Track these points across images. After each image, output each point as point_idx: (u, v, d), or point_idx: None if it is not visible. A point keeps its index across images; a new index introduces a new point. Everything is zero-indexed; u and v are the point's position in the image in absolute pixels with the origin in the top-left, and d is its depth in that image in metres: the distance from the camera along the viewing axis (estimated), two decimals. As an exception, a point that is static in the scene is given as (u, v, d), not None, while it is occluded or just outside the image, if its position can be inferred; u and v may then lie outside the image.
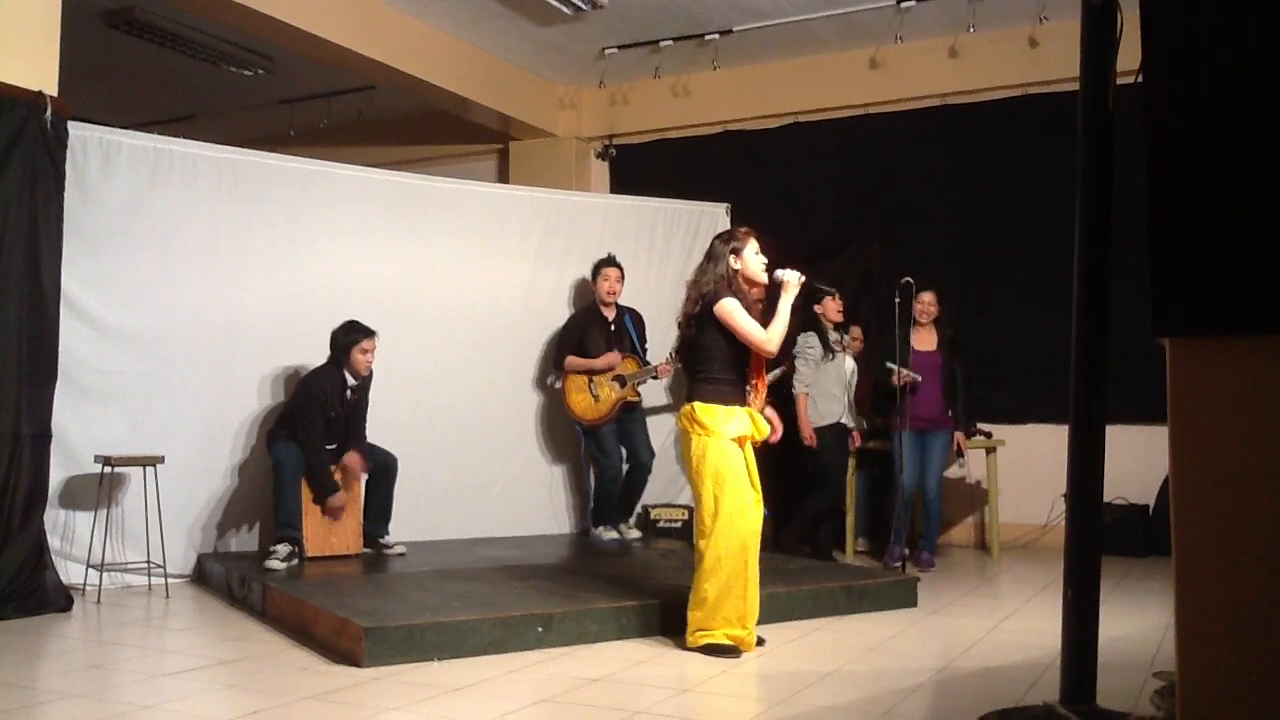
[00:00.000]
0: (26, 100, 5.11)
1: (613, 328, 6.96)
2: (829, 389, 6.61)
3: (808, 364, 6.60)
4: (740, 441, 4.28)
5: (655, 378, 7.08)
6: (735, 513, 4.17)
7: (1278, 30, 2.02)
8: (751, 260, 4.49)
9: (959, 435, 6.72)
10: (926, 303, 6.63)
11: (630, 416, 6.93)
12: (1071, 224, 3.02)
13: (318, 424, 5.87)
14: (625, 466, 6.93)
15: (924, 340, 6.66)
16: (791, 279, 4.45)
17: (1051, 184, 6.84)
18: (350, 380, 5.98)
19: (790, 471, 7.07)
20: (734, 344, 4.31)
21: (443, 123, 9.09)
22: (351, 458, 5.96)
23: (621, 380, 6.86)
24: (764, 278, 4.48)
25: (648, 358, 7.02)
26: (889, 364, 6.58)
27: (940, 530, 7.24)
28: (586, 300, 7.17)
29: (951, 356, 6.66)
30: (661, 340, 7.28)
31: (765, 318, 4.43)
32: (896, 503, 6.59)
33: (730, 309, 4.31)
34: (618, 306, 7.03)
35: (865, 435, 7.02)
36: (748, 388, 4.34)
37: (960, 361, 6.71)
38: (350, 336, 5.92)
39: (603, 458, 6.88)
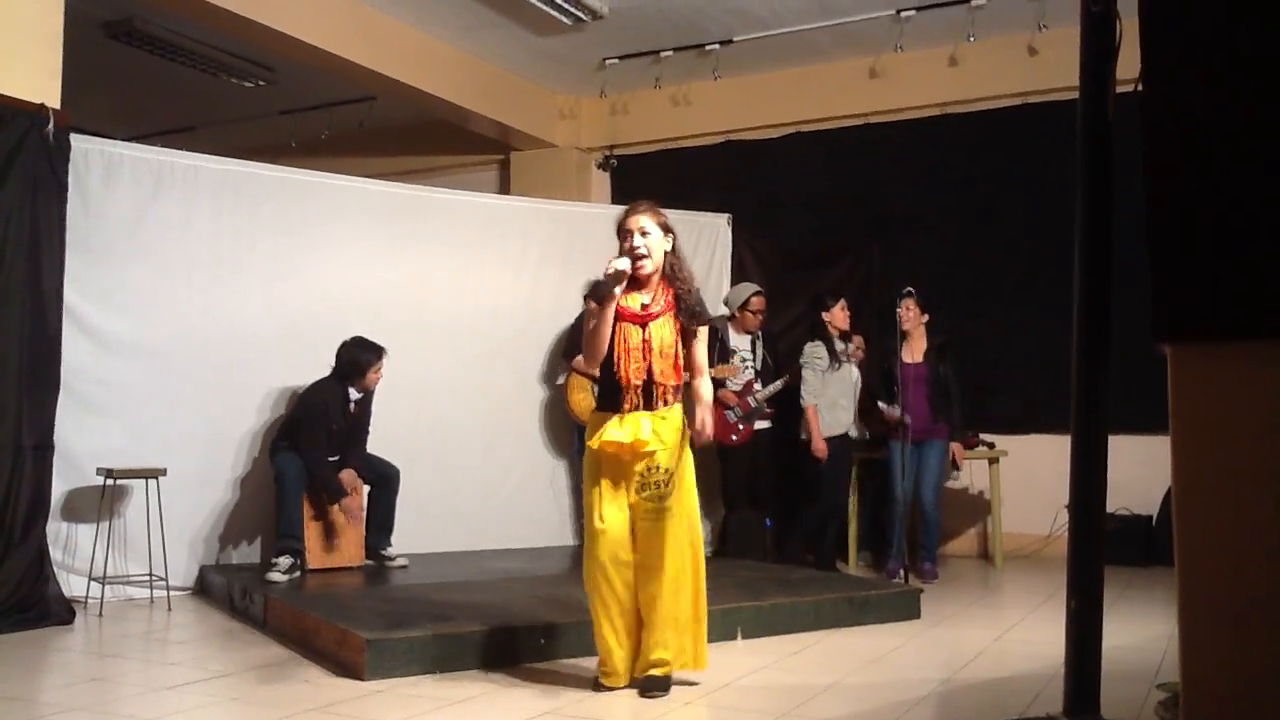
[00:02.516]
0: (28, 112, 5.12)
1: None
2: (835, 399, 6.60)
3: (815, 374, 6.57)
4: (617, 450, 3.72)
5: None
6: (588, 535, 3.80)
7: (1275, 37, 2.02)
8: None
9: (955, 446, 6.70)
10: (907, 308, 6.55)
11: None
12: (1071, 231, 3.01)
13: (321, 437, 5.87)
14: None
15: (911, 351, 6.63)
16: (615, 266, 3.73)
17: (1051, 191, 6.86)
18: (353, 394, 5.99)
19: (791, 480, 7.07)
20: (609, 343, 3.79)
21: (443, 133, 9.10)
22: (347, 474, 5.96)
23: None
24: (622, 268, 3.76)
25: None
26: (879, 403, 6.69)
27: (943, 541, 7.22)
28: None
29: (939, 365, 6.63)
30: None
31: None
32: (893, 514, 6.58)
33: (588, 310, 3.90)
34: None
35: (861, 446, 7.00)
36: (629, 393, 3.73)
37: (952, 370, 6.66)
38: (364, 356, 5.92)
39: None
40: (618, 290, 3.71)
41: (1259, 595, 1.98)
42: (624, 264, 3.71)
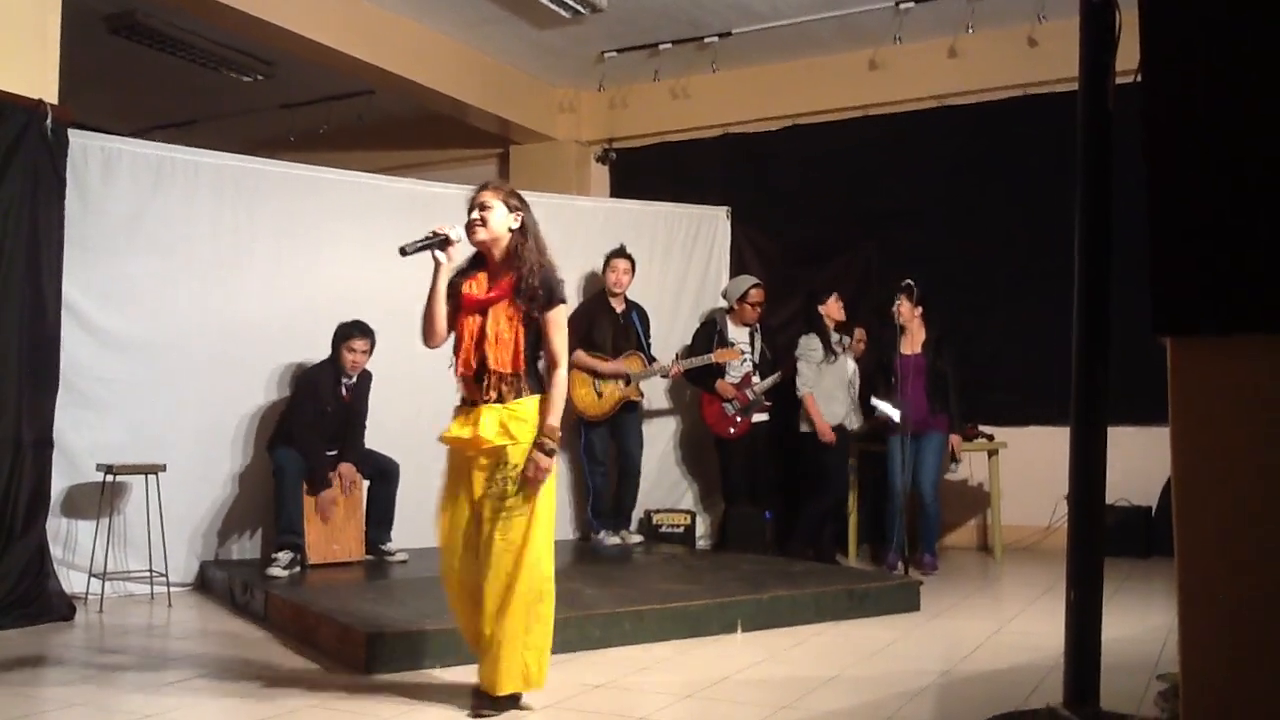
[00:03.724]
0: (27, 107, 5.10)
1: (620, 321, 6.97)
2: (830, 390, 6.62)
3: (810, 366, 6.61)
4: (459, 446, 3.48)
5: (666, 376, 7.10)
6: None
7: (1275, 29, 2.01)
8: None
9: (954, 439, 6.69)
10: (901, 304, 6.49)
11: (627, 415, 6.93)
12: (1071, 223, 3.02)
13: (310, 414, 5.89)
14: (616, 468, 6.99)
15: (909, 344, 6.63)
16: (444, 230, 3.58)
17: (1051, 183, 6.84)
18: (346, 379, 6.00)
19: (792, 473, 7.08)
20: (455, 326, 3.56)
21: (442, 127, 9.09)
22: (346, 468, 5.97)
23: (626, 378, 6.86)
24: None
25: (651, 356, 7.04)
26: (874, 401, 6.67)
27: (942, 533, 7.23)
28: (594, 293, 7.18)
29: (937, 358, 6.62)
30: (662, 341, 7.28)
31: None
32: (891, 506, 6.59)
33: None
34: (626, 300, 7.03)
35: (859, 438, 7.00)
36: (468, 384, 3.50)
37: (949, 363, 6.64)
38: (343, 332, 5.96)
39: (591, 463, 6.94)
40: (441, 257, 3.53)
41: (1258, 587, 1.98)
42: (457, 231, 3.51)
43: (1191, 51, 2.11)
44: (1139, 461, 5.83)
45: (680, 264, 7.87)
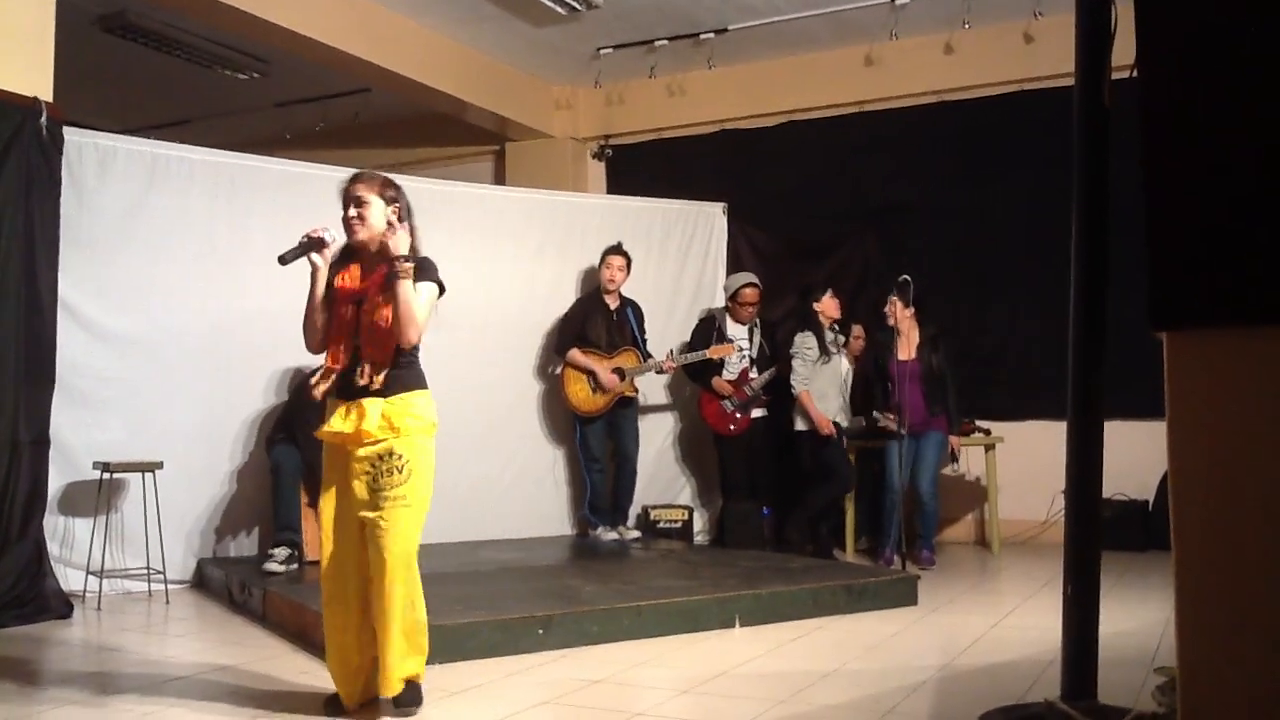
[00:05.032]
0: (22, 106, 5.10)
1: (615, 318, 6.96)
2: (823, 389, 6.66)
3: (805, 364, 6.62)
4: (341, 441, 3.36)
5: (660, 372, 7.10)
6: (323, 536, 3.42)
7: (1271, 18, 2.01)
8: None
9: (954, 439, 6.69)
10: (892, 305, 6.52)
11: (623, 411, 6.94)
12: (1068, 219, 3.02)
13: (314, 424, 5.86)
14: (613, 465, 7.01)
15: (906, 347, 6.61)
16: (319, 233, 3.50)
17: (1048, 179, 6.83)
18: None
19: (790, 469, 7.08)
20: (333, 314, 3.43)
21: (438, 124, 9.08)
22: None
23: (621, 374, 6.86)
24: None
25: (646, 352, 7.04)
26: (875, 414, 6.75)
27: (940, 528, 7.24)
28: (589, 291, 7.18)
29: (932, 356, 6.62)
30: (659, 338, 7.28)
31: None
32: (888, 503, 6.60)
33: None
34: (621, 297, 7.03)
35: (857, 435, 7.01)
36: (351, 372, 3.36)
37: (945, 361, 6.63)
38: None
39: (587, 460, 6.96)
40: (319, 260, 3.43)
41: (1256, 579, 1.99)
42: (331, 234, 3.45)
43: (1188, 44, 2.11)
44: (1136, 455, 5.82)
45: (677, 260, 7.87)
